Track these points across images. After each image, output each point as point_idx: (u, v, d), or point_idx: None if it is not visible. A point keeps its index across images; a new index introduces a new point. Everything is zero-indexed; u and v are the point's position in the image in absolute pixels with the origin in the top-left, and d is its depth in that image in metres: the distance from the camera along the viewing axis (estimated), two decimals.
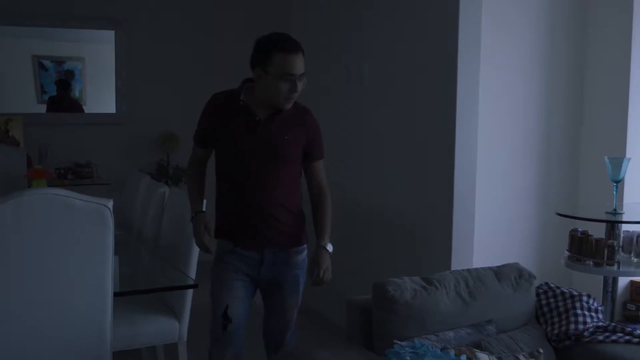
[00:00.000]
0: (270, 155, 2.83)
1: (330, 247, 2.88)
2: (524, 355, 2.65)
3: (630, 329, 2.96)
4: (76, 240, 2.71)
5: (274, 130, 2.83)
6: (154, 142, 5.88)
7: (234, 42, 5.89)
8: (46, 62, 6.03)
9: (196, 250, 3.38)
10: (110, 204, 2.75)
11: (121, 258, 2.96)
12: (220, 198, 2.96)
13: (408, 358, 2.35)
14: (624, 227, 3.78)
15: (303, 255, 2.98)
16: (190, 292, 3.41)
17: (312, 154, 2.95)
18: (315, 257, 2.85)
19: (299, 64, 2.71)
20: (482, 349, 2.66)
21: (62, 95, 6.01)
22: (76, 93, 6.14)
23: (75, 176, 5.72)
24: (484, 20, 3.90)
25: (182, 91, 5.83)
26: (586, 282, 4.14)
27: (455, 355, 2.46)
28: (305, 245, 2.99)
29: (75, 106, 6.10)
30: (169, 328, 3.43)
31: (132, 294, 3.14)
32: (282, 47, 2.68)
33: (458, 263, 3.80)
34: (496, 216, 4.20)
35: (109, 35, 6.00)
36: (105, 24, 5.93)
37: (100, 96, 6.20)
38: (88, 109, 6.17)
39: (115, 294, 2.88)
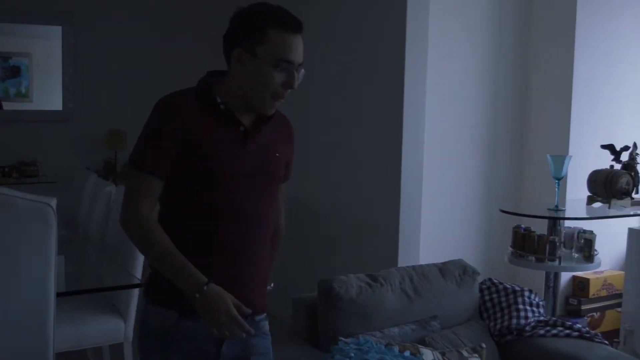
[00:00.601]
0: (260, 180, 2.01)
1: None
2: (467, 351, 2.70)
3: (570, 323, 3.04)
4: (17, 240, 2.66)
5: (265, 144, 2.03)
6: (102, 140, 5.80)
7: (185, 38, 5.85)
8: None
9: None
10: (54, 202, 2.70)
11: (66, 257, 2.92)
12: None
13: (352, 354, 2.37)
14: (566, 224, 3.86)
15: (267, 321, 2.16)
16: (135, 291, 3.39)
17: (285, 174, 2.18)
18: None
19: (300, 48, 1.93)
20: (426, 345, 2.70)
21: None
22: (22, 89, 6.02)
23: (20, 175, 5.61)
24: (431, 22, 3.95)
25: (131, 88, 5.75)
26: (530, 278, 4.23)
27: (400, 351, 2.49)
28: None
29: None
30: (115, 328, 3.40)
31: (77, 294, 3.11)
32: (280, 21, 1.89)
33: (405, 260, 3.84)
34: (442, 213, 4.26)
35: (56, 30, 5.90)
36: (52, 19, 5.83)
37: (47, 92, 6.09)
38: (35, 105, 6.05)
39: (60, 294, 2.84)
